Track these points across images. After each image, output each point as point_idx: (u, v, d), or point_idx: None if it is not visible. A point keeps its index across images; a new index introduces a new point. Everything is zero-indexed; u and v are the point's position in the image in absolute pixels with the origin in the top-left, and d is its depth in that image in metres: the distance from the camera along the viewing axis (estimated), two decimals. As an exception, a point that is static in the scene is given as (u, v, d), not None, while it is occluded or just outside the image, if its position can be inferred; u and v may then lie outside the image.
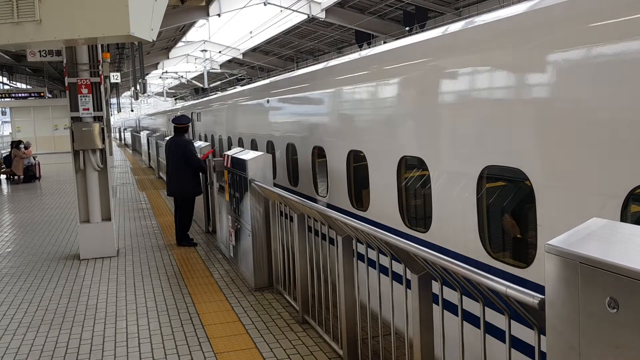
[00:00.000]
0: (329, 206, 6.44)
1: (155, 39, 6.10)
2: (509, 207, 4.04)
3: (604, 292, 1.64)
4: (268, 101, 9.45)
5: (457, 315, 2.87)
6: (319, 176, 7.21)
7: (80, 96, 8.14)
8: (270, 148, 9.20)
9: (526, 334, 3.22)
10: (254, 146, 10.23)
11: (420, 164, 4.82)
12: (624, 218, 2.93)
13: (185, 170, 8.70)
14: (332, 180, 6.63)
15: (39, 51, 9.55)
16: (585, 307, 1.71)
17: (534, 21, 3.67)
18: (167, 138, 11.78)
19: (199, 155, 9.12)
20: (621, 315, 1.59)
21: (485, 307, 2.66)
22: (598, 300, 1.66)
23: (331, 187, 6.68)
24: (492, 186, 4.01)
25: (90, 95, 8.17)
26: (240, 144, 11.40)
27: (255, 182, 6.23)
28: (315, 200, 6.93)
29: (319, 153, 7.08)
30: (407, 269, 3.31)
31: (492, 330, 3.46)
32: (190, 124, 9.26)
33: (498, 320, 3.38)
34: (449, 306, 3.28)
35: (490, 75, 4.00)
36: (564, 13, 3.45)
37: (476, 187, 3.99)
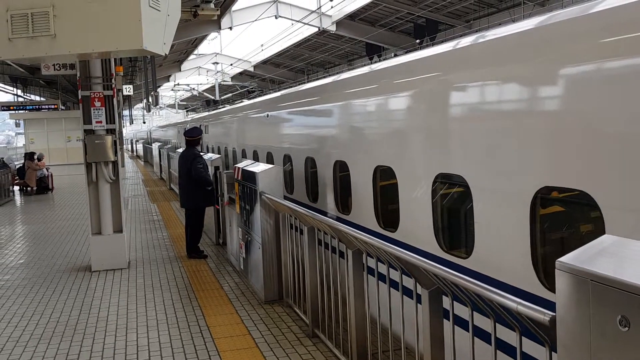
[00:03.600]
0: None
1: (167, 53, 6.16)
2: (456, 208, 4.68)
3: (616, 310, 1.62)
4: (267, 115, 10.03)
5: (467, 331, 2.85)
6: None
7: (93, 109, 8.23)
8: (265, 157, 9.92)
9: (537, 351, 3.19)
10: (254, 156, 10.85)
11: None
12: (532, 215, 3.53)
13: (192, 183, 8.81)
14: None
15: (53, 65, 9.68)
16: (596, 325, 1.69)
17: None
18: (179, 150, 11.90)
19: (210, 168, 9.21)
20: (633, 333, 1.58)
21: (497, 323, 2.65)
22: (609, 318, 1.64)
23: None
24: (445, 191, 4.69)
25: (103, 108, 8.26)
26: (243, 154, 12.01)
27: (266, 195, 6.25)
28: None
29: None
30: (417, 283, 3.30)
31: (503, 347, 3.44)
32: (201, 137, 9.31)
33: (509, 336, 3.35)
34: (460, 321, 3.26)
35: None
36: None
37: (431, 193, 4.68)
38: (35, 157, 20.49)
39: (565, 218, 3.68)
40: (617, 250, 1.84)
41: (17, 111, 30.25)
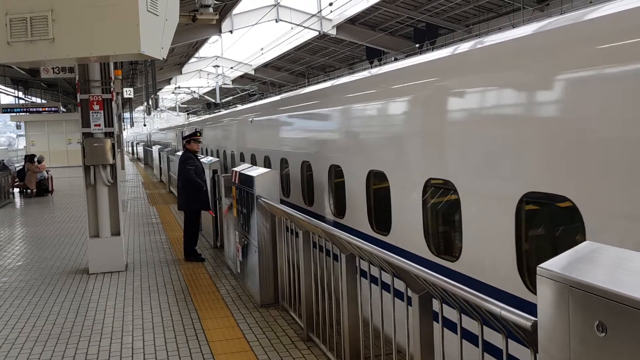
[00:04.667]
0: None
1: (165, 57, 6.20)
2: (443, 211, 4.81)
3: (593, 316, 1.65)
4: (252, 120, 11.32)
5: (457, 334, 2.88)
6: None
7: (92, 112, 8.27)
8: (249, 159, 11.04)
9: (524, 353, 3.21)
10: (237, 158, 12.36)
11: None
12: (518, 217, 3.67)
13: (184, 185, 8.98)
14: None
15: (52, 68, 9.73)
16: (575, 330, 1.72)
17: None
18: (179, 153, 11.98)
19: (208, 171, 9.28)
20: (610, 339, 1.61)
21: (485, 326, 2.68)
22: (587, 324, 1.67)
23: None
24: (436, 195, 4.82)
25: (102, 111, 8.31)
26: (225, 155, 13.69)
27: (262, 199, 6.28)
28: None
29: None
30: (407, 287, 3.33)
31: (491, 349, 3.46)
32: (194, 139, 9.28)
33: (497, 338, 3.38)
34: (450, 324, 3.29)
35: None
36: None
37: (421, 195, 4.82)
38: (36, 159, 20.54)
39: (548, 222, 3.79)
40: (597, 257, 1.87)
41: (18, 113, 30.36)
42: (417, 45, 23.76)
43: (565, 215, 3.47)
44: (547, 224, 3.76)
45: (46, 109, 30.53)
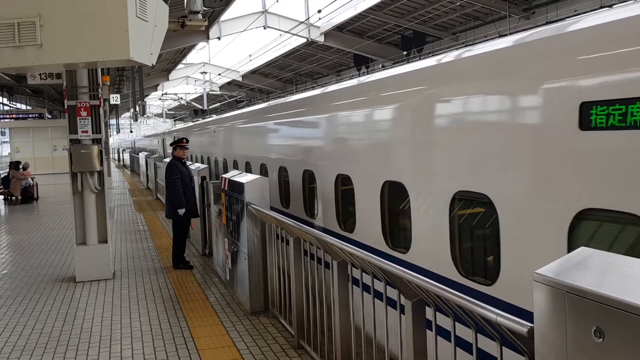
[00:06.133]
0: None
1: (154, 64, 6.17)
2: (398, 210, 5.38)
3: (591, 321, 1.66)
4: (215, 131, 13.65)
5: (450, 342, 2.87)
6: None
7: (80, 119, 8.20)
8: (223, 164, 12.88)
9: None
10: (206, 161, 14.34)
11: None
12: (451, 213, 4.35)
13: (168, 192, 9.02)
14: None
15: (40, 74, 9.65)
16: (572, 336, 1.73)
17: None
18: (166, 160, 11.95)
19: (196, 178, 9.24)
20: (607, 344, 1.61)
21: (479, 334, 2.67)
22: (585, 329, 1.68)
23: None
24: (393, 196, 5.40)
25: (90, 117, 8.24)
26: (209, 161, 15.12)
27: (252, 206, 6.26)
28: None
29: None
30: (400, 294, 3.32)
31: (485, 357, 3.46)
32: (176, 147, 9.23)
33: (491, 346, 3.38)
34: (443, 332, 3.29)
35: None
36: None
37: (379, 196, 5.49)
38: (21, 166, 20.32)
39: (473, 217, 4.43)
40: (593, 263, 1.88)
41: (2, 120, 30.04)
42: (404, 52, 23.89)
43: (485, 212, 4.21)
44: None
45: (31, 115, 30.24)
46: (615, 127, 2.99)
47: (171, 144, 9.34)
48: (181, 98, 47.05)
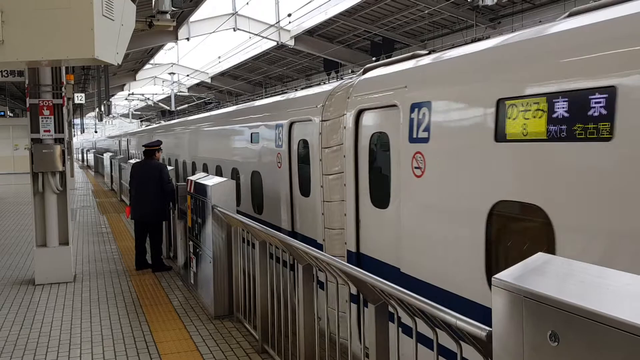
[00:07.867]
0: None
1: (120, 63, 6.08)
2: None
3: (546, 325, 1.70)
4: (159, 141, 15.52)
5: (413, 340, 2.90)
6: None
7: (42, 117, 8.01)
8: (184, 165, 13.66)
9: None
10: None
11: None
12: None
13: (159, 194, 8.59)
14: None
15: (1, 71, 9.39)
16: (528, 340, 1.76)
17: None
18: (133, 161, 11.70)
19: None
20: (562, 348, 1.65)
21: (442, 333, 2.71)
22: (540, 333, 1.71)
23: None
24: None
25: (52, 116, 8.05)
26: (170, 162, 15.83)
27: (218, 209, 6.21)
28: None
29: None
30: (364, 298, 3.34)
31: (448, 355, 3.50)
32: (158, 148, 9.07)
33: (454, 345, 3.42)
34: (408, 330, 3.32)
35: None
36: None
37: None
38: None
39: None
40: (549, 268, 1.92)
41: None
42: (373, 58, 24.07)
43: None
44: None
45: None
46: None
47: (147, 145, 9.02)
48: (148, 99, 46.38)
